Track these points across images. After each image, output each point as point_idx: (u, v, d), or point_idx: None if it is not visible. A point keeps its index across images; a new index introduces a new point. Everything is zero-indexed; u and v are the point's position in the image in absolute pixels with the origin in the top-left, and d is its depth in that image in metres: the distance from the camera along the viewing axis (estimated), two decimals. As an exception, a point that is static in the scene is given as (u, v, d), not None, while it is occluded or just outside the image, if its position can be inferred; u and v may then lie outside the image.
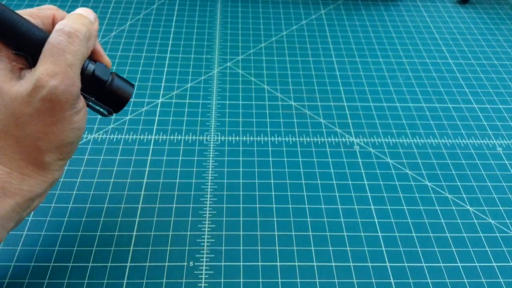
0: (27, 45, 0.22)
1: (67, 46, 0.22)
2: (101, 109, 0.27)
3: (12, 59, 0.22)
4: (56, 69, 0.21)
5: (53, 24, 0.24)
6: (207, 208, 0.34)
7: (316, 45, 0.52)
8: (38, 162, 0.23)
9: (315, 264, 0.31)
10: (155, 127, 0.40)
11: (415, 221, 0.34)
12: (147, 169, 0.37)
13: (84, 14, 0.24)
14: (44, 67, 0.21)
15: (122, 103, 0.27)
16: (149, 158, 0.38)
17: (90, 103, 0.26)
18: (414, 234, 0.33)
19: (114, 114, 0.28)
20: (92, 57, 0.26)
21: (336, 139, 0.40)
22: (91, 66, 0.25)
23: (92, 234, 0.32)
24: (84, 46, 0.23)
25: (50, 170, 0.24)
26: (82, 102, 0.24)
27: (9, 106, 0.21)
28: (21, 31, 0.22)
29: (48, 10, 0.24)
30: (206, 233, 0.33)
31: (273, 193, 0.36)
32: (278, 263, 0.31)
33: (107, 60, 0.26)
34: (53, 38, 0.22)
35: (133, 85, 0.27)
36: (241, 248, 0.32)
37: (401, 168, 0.38)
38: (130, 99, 0.25)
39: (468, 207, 0.35)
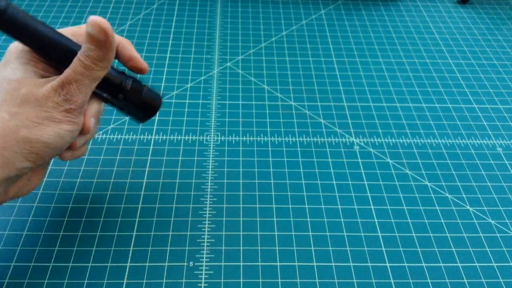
0: (62, 60, 0.25)
1: (87, 67, 0.24)
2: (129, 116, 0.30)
3: (36, 63, 0.25)
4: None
5: None
6: (207, 208, 0.34)
7: (316, 45, 0.52)
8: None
9: (315, 264, 0.31)
10: (155, 127, 0.40)
11: (415, 221, 0.34)
12: (147, 169, 0.37)
13: (102, 35, 0.25)
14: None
15: (150, 113, 0.29)
16: (149, 158, 0.38)
17: (121, 111, 0.29)
18: (414, 234, 0.33)
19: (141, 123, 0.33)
20: (129, 64, 0.28)
21: (336, 139, 0.40)
22: (128, 81, 0.28)
23: (92, 234, 0.32)
24: (100, 69, 0.25)
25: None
26: (82, 113, 0.26)
27: (38, 108, 0.23)
28: (62, 50, 0.25)
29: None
30: (206, 233, 0.33)
31: (273, 193, 0.36)
32: (278, 263, 0.31)
33: (142, 65, 0.29)
34: (76, 61, 0.24)
35: (160, 97, 0.30)
36: (241, 248, 0.32)
37: (401, 168, 0.38)
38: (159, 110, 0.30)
39: (468, 207, 0.35)
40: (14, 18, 0.23)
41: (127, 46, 0.28)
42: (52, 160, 0.36)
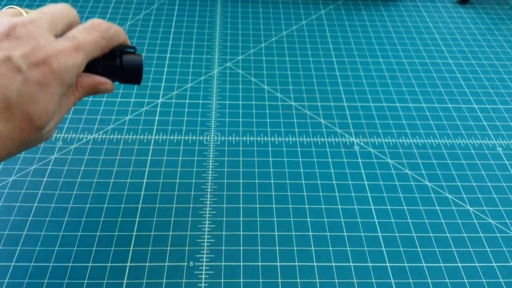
0: None
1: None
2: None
3: None
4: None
5: None
6: (207, 208, 0.34)
7: (316, 45, 0.52)
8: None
9: (315, 264, 0.31)
10: (155, 127, 0.40)
11: (415, 221, 0.34)
12: (147, 169, 0.37)
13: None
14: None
15: (137, 75, 0.28)
16: (149, 158, 0.38)
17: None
18: (414, 234, 0.33)
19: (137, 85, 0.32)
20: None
21: (336, 139, 0.40)
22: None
23: (92, 234, 0.32)
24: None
25: None
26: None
27: None
28: None
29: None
30: (206, 233, 0.33)
31: (273, 193, 0.36)
32: (278, 263, 0.31)
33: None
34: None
35: (139, 55, 0.28)
36: (241, 248, 0.32)
37: (401, 168, 0.38)
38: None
39: (468, 207, 0.35)
40: None
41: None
42: (52, 160, 0.36)
